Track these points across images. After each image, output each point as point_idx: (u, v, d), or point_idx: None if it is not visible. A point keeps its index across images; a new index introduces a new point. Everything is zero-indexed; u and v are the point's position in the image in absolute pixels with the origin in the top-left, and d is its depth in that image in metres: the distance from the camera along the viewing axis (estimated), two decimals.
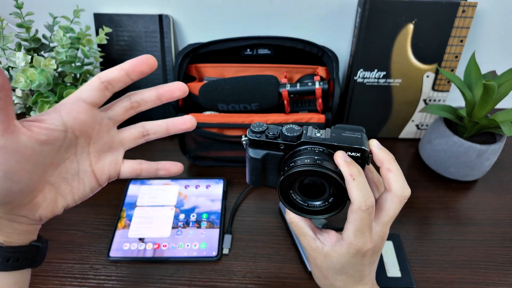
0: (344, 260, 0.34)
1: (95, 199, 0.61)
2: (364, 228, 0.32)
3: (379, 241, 0.34)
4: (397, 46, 0.65)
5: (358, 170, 0.32)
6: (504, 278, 0.50)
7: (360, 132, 0.35)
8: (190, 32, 0.75)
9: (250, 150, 0.36)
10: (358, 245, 0.33)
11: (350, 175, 0.31)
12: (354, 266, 0.34)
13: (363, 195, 0.31)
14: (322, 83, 0.61)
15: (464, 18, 0.62)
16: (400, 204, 0.33)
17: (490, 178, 0.65)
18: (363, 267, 0.34)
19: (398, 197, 0.32)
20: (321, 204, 0.34)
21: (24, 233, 0.31)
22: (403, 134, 0.75)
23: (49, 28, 0.61)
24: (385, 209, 0.33)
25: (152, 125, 0.37)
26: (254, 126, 0.36)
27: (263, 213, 0.59)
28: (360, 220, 0.31)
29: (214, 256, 0.52)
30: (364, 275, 0.35)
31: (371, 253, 0.34)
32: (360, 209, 0.31)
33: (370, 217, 0.32)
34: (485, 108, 0.56)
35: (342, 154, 0.33)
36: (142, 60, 0.32)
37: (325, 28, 0.72)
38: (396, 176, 0.33)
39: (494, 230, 0.57)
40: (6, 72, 0.56)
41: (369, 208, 0.31)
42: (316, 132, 0.35)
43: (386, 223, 0.33)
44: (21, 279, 0.32)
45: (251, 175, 0.38)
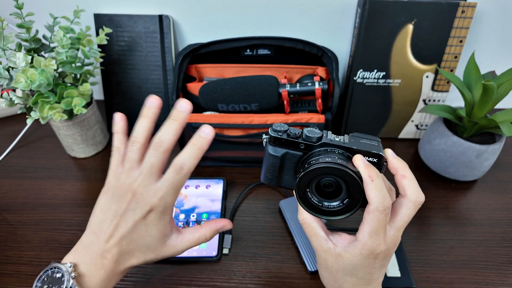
0: (356, 261, 0.34)
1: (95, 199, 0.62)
2: (380, 230, 0.33)
3: (392, 245, 0.34)
4: (397, 46, 0.65)
5: (377, 172, 0.33)
6: (503, 278, 0.50)
7: (376, 141, 0.37)
8: (190, 32, 0.75)
9: (270, 147, 0.37)
10: (372, 246, 0.33)
11: (369, 176, 0.32)
12: (365, 268, 0.34)
13: (381, 196, 0.32)
14: (322, 84, 0.61)
15: (463, 18, 0.62)
16: (415, 209, 0.34)
17: (490, 178, 0.66)
18: (373, 269, 0.35)
19: (413, 202, 0.34)
20: (336, 205, 0.35)
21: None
22: (402, 134, 0.75)
23: (50, 28, 0.61)
24: (400, 214, 0.34)
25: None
26: (276, 126, 0.37)
27: (263, 213, 0.59)
28: (376, 221, 0.32)
29: (214, 256, 0.52)
30: (373, 279, 0.35)
31: (383, 256, 0.34)
32: (377, 210, 0.32)
33: (386, 219, 0.32)
34: (485, 108, 0.57)
35: (361, 157, 0.34)
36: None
37: (325, 28, 0.72)
38: (410, 182, 0.34)
39: (494, 230, 0.57)
40: (6, 72, 0.56)
41: (386, 209, 0.32)
42: (335, 137, 0.37)
43: (400, 227, 0.34)
44: None
45: (266, 173, 0.39)
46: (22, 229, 0.57)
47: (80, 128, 0.65)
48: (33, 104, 0.57)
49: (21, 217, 0.59)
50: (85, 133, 0.67)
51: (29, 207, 0.60)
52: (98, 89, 0.83)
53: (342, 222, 0.58)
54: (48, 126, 0.73)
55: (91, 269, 0.35)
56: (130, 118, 0.81)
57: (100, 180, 0.65)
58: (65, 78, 0.62)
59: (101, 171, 0.67)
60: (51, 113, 0.56)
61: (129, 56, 0.71)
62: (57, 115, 0.56)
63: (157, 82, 0.72)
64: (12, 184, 0.65)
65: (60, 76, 0.62)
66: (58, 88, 0.58)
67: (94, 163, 0.69)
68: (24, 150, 0.73)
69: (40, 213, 0.59)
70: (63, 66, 0.60)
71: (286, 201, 0.60)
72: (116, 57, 0.71)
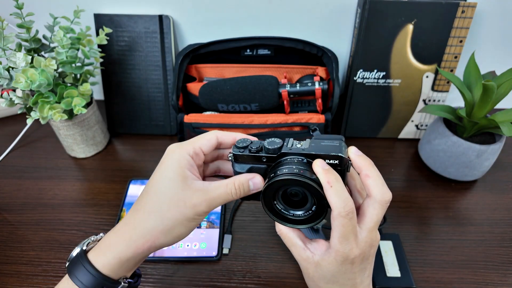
0: (333, 268, 0.33)
1: (95, 199, 0.62)
2: (348, 234, 0.32)
3: (367, 247, 0.33)
4: (397, 46, 0.65)
5: (336, 177, 0.32)
6: (503, 278, 0.50)
7: (338, 140, 0.35)
8: (190, 32, 0.75)
9: (236, 165, 0.37)
10: (344, 252, 0.32)
11: (327, 182, 0.31)
12: (344, 274, 0.34)
13: (342, 201, 0.31)
14: (322, 84, 0.61)
15: (463, 18, 0.62)
16: (382, 208, 0.33)
17: (490, 178, 0.66)
18: (353, 275, 0.34)
19: (378, 202, 0.33)
20: (304, 214, 0.35)
21: (132, 269, 0.36)
22: (402, 134, 0.75)
23: (50, 28, 0.61)
24: (368, 214, 0.33)
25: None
26: (238, 142, 0.37)
27: (263, 213, 0.59)
28: (342, 226, 0.31)
29: (214, 256, 0.52)
30: (356, 284, 0.35)
31: (359, 260, 0.33)
32: (340, 215, 0.31)
33: (352, 223, 0.32)
34: (485, 108, 0.57)
35: (320, 162, 0.33)
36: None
37: (325, 29, 0.72)
38: (375, 182, 0.33)
39: (494, 230, 0.57)
40: (6, 72, 0.56)
41: (348, 213, 0.31)
42: (296, 143, 0.36)
43: (370, 228, 0.33)
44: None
45: None
46: (22, 229, 0.57)
47: (80, 128, 0.65)
48: (33, 104, 0.57)
49: (21, 217, 0.59)
50: (85, 133, 0.67)
51: (29, 207, 0.60)
52: (98, 89, 0.83)
53: None
54: (48, 126, 0.73)
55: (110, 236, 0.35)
56: (130, 118, 0.81)
57: (100, 180, 0.65)
58: (65, 78, 0.62)
59: (101, 171, 0.67)
60: (51, 113, 0.56)
61: (129, 56, 0.71)
62: (57, 115, 0.56)
63: (157, 82, 0.72)
64: (12, 184, 0.65)
65: (60, 76, 0.62)
66: (58, 88, 0.58)
67: (94, 163, 0.69)
68: (24, 150, 0.73)
69: (40, 213, 0.59)
70: (63, 66, 0.60)
71: None
72: (116, 57, 0.71)
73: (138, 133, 0.76)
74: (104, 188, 0.64)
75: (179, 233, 0.34)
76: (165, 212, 0.33)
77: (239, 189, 0.35)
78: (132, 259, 0.34)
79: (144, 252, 0.34)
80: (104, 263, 0.33)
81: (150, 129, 0.75)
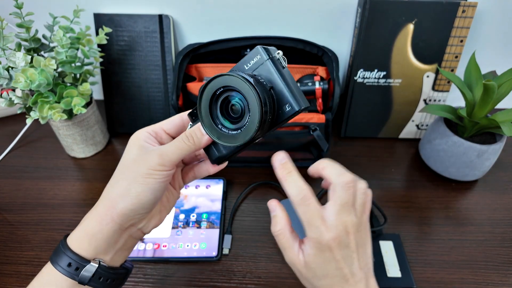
0: (316, 260, 0.34)
1: (95, 199, 0.61)
2: (312, 220, 0.33)
3: (342, 232, 0.33)
4: (397, 46, 0.65)
5: (290, 170, 0.34)
6: (504, 278, 0.50)
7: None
8: (190, 32, 0.75)
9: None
10: (316, 238, 0.33)
11: (282, 177, 0.33)
12: (328, 264, 0.34)
13: (295, 190, 0.33)
14: (322, 83, 0.61)
15: (464, 18, 0.62)
16: (344, 190, 0.33)
17: (490, 178, 0.65)
18: (338, 263, 0.33)
19: (338, 184, 0.33)
20: (233, 128, 0.32)
21: (126, 251, 0.36)
22: (403, 134, 0.75)
23: (49, 28, 0.61)
24: (332, 198, 0.34)
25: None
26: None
27: (263, 213, 0.59)
28: (303, 214, 0.33)
29: (214, 256, 0.52)
30: (346, 275, 0.34)
31: (337, 245, 0.33)
32: (297, 204, 0.33)
33: (310, 208, 0.33)
34: (485, 108, 0.56)
35: (281, 156, 0.34)
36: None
37: (325, 28, 0.72)
38: (330, 169, 0.34)
39: (494, 230, 0.57)
40: (6, 72, 0.56)
41: (303, 199, 0.33)
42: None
43: (337, 211, 0.33)
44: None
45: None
46: (22, 229, 0.57)
47: (79, 128, 0.65)
48: (33, 104, 0.57)
49: (21, 217, 0.59)
50: (84, 133, 0.67)
51: (29, 207, 0.60)
52: (98, 89, 0.83)
53: None
54: (48, 126, 0.73)
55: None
56: (130, 118, 0.81)
57: (100, 180, 0.65)
58: (64, 78, 0.62)
59: (100, 171, 0.67)
60: (50, 113, 0.56)
61: (129, 56, 0.71)
62: (57, 115, 0.56)
63: (157, 82, 0.72)
64: (12, 184, 0.65)
65: (60, 76, 0.62)
66: (58, 88, 0.58)
67: (93, 163, 0.69)
68: (23, 150, 0.73)
69: (40, 213, 0.59)
70: (63, 66, 0.60)
71: (286, 201, 0.59)
72: (116, 57, 0.71)
73: None
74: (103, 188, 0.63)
75: (137, 193, 0.33)
76: (121, 176, 0.34)
77: (190, 136, 0.34)
78: (99, 233, 0.33)
79: (109, 224, 0.33)
80: (73, 239, 0.33)
81: None
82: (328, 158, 0.35)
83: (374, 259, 0.52)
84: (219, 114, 0.32)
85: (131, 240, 0.36)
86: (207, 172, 0.38)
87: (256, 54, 0.32)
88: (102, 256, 0.33)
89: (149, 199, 0.33)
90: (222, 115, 0.32)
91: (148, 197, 0.33)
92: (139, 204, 0.33)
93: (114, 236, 0.34)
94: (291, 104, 0.30)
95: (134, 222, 0.34)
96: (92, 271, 0.32)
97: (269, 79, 0.31)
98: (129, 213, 0.33)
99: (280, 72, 0.31)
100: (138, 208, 0.33)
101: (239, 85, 0.29)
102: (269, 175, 0.66)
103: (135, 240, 0.36)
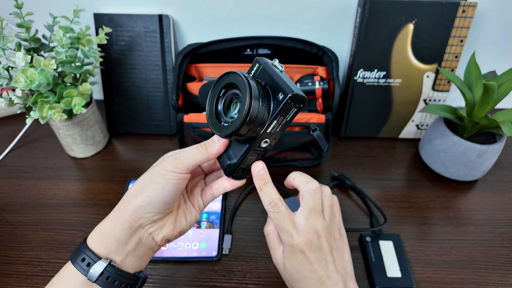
0: (291, 263, 0.36)
1: (95, 199, 0.62)
2: (283, 224, 0.35)
3: (312, 235, 0.35)
4: (397, 46, 0.65)
5: (265, 181, 0.36)
6: (504, 278, 0.50)
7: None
8: (190, 32, 0.75)
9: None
10: (288, 241, 0.35)
11: (258, 187, 0.36)
12: (302, 266, 0.35)
13: (268, 198, 0.36)
14: (322, 83, 0.61)
15: (464, 18, 0.62)
16: (311, 196, 0.36)
17: (490, 178, 0.65)
18: (311, 266, 0.35)
19: (305, 192, 0.36)
20: (228, 119, 0.34)
21: (139, 258, 0.36)
22: (403, 134, 0.75)
23: (49, 28, 0.61)
24: (302, 205, 0.37)
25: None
26: None
27: (263, 213, 0.59)
28: (275, 219, 0.36)
29: (214, 256, 0.52)
30: (321, 276, 0.35)
31: (308, 248, 0.35)
32: (270, 211, 0.36)
33: (281, 214, 0.35)
34: (485, 108, 0.56)
35: (259, 167, 0.36)
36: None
37: (325, 28, 0.72)
38: (298, 179, 0.37)
39: (494, 230, 0.57)
40: (5, 71, 0.56)
41: (274, 207, 0.35)
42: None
43: (306, 216, 0.35)
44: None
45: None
46: (22, 229, 0.57)
47: (79, 128, 0.65)
48: (33, 104, 0.57)
49: (21, 217, 0.58)
50: (84, 133, 0.67)
51: (28, 207, 0.60)
52: (98, 89, 0.83)
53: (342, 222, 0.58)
54: (48, 126, 0.73)
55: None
56: (130, 118, 0.81)
57: (100, 180, 0.65)
58: (64, 78, 0.62)
59: (100, 171, 0.67)
60: (50, 113, 0.56)
61: (129, 56, 0.71)
62: (57, 115, 0.56)
63: (157, 82, 0.72)
64: (12, 184, 0.64)
65: (60, 75, 0.62)
66: (58, 88, 0.57)
67: (93, 163, 0.69)
68: (23, 150, 0.73)
69: (40, 213, 0.59)
70: (63, 66, 0.60)
71: (286, 201, 0.59)
72: (116, 56, 0.71)
73: (138, 133, 0.76)
74: (103, 188, 0.64)
75: (147, 190, 0.34)
76: (139, 179, 0.36)
77: (204, 144, 0.36)
78: (111, 231, 0.34)
79: (120, 221, 0.34)
80: (90, 238, 0.35)
81: (150, 129, 0.75)
82: (298, 171, 0.38)
83: (374, 259, 0.52)
84: (221, 111, 0.34)
85: (143, 247, 0.36)
86: (224, 188, 0.39)
87: (255, 63, 0.35)
88: (113, 256, 0.34)
89: (157, 198, 0.34)
90: (224, 112, 0.34)
91: (157, 195, 0.34)
92: (148, 202, 0.34)
93: (125, 236, 0.34)
94: (284, 91, 0.31)
95: (143, 222, 0.35)
96: (101, 268, 0.33)
97: (265, 78, 0.33)
98: (139, 210, 0.34)
99: (274, 72, 0.33)
100: (146, 205, 0.34)
101: (237, 80, 0.32)
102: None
103: (146, 248, 0.36)
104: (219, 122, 0.34)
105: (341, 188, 0.64)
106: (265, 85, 0.33)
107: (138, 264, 0.36)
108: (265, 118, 0.32)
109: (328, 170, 0.67)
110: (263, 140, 0.34)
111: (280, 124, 0.33)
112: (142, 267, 0.37)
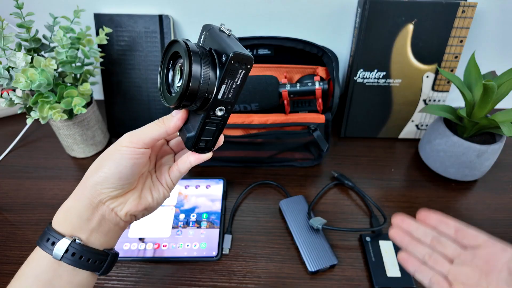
0: None
1: None
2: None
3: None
4: (397, 46, 0.65)
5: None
6: None
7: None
8: (190, 32, 0.75)
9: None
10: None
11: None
12: None
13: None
14: (322, 83, 0.61)
15: (464, 18, 0.62)
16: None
17: (490, 178, 0.66)
18: None
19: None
20: (174, 89, 0.34)
21: (105, 234, 0.36)
22: (403, 134, 0.75)
23: (50, 28, 0.61)
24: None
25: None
26: None
27: (263, 213, 0.59)
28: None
29: (214, 256, 0.52)
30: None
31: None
32: None
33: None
34: (485, 108, 0.57)
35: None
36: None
37: (325, 28, 0.72)
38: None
39: (494, 230, 0.57)
40: (6, 72, 0.56)
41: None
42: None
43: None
44: (86, 282, 0.35)
45: None
46: (22, 229, 0.57)
47: (80, 128, 0.65)
48: (33, 104, 0.57)
49: (21, 217, 0.59)
50: (85, 133, 0.67)
51: (29, 207, 0.60)
52: (98, 89, 0.83)
53: (342, 222, 0.58)
54: (48, 126, 0.73)
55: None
56: (130, 117, 0.81)
57: None
58: (65, 78, 0.62)
59: None
60: (51, 113, 0.56)
61: (129, 56, 0.71)
62: (57, 115, 0.56)
63: (157, 82, 0.72)
64: (12, 184, 0.65)
65: (60, 76, 0.62)
66: (58, 88, 0.58)
67: None
68: (24, 150, 0.73)
69: (40, 213, 0.59)
70: (63, 66, 0.60)
71: (286, 201, 0.60)
72: (116, 57, 0.71)
73: None
74: None
75: (104, 166, 0.34)
76: (98, 158, 0.36)
77: (162, 119, 0.36)
78: (72, 209, 0.35)
79: (80, 199, 0.35)
80: (54, 218, 0.35)
81: None
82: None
83: (374, 259, 0.52)
84: (172, 82, 0.35)
85: (107, 223, 0.35)
86: (189, 163, 0.38)
87: (202, 30, 0.34)
88: (78, 233, 0.34)
89: (113, 173, 0.34)
90: (173, 82, 0.34)
91: (112, 170, 0.34)
92: (104, 177, 0.34)
93: (86, 212, 0.34)
94: (226, 52, 0.30)
95: (103, 198, 0.35)
96: (65, 246, 0.33)
97: (211, 44, 0.32)
98: (96, 186, 0.34)
99: (220, 36, 0.32)
100: (103, 181, 0.34)
101: (179, 48, 0.31)
102: (269, 175, 0.66)
103: (111, 224, 0.36)
104: (170, 94, 0.34)
105: (341, 188, 0.64)
106: (210, 50, 0.32)
107: (105, 241, 0.36)
108: (212, 83, 0.31)
109: (328, 170, 0.67)
110: (218, 108, 0.33)
111: (230, 88, 0.32)
112: (111, 244, 0.37)
